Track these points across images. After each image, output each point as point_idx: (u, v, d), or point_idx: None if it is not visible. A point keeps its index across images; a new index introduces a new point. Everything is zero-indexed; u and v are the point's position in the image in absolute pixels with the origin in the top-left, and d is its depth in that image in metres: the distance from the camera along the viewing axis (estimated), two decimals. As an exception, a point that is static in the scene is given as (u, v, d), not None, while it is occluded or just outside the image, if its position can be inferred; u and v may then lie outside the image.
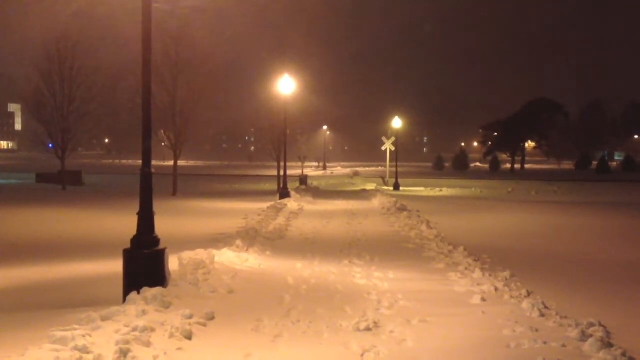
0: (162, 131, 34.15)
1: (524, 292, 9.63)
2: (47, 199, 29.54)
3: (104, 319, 7.30)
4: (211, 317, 7.98)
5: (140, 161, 9.41)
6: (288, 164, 33.21)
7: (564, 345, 6.99)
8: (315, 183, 49.77)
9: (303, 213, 23.91)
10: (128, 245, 9.05)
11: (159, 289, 8.53)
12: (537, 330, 7.53)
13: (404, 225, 19.37)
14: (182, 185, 36.71)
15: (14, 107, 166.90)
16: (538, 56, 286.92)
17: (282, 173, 33.59)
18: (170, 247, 9.43)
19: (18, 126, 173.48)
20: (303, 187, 41.81)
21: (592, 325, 7.69)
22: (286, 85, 30.46)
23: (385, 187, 45.58)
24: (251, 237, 15.18)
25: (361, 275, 11.33)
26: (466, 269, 11.81)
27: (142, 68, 9.29)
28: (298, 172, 57.45)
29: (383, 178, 56.14)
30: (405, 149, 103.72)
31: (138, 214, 9.16)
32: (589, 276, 11.75)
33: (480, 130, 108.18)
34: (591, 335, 7.21)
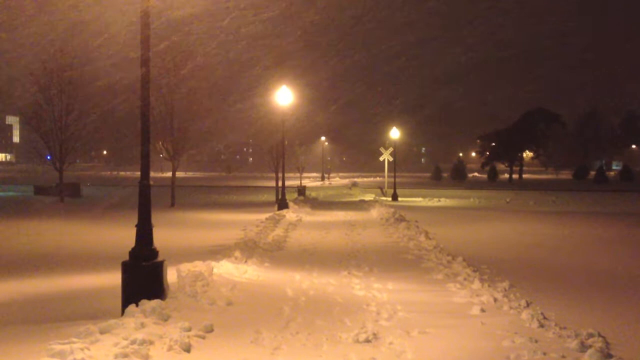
0: (160, 142, 34.14)
1: (523, 302, 9.62)
2: (45, 211, 29.52)
3: (103, 331, 7.28)
4: (210, 330, 7.96)
5: (139, 172, 9.43)
6: (286, 174, 33.20)
7: (563, 356, 6.98)
8: (313, 194, 49.75)
9: (301, 224, 23.90)
10: (126, 258, 9.04)
11: (158, 301, 8.52)
12: (536, 341, 7.52)
13: (402, 236, 19.36)
14: (180, 196, 36.69)
15: (12, 120, 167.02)
16: (536, 66, 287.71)
17: (280, 184, 33.61)
18: (168, 259, 9.42)
19: (16, 138, 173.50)
20: (301, 198, 41.78)
21: (591, 335, 7.68)
22: (284, 97, 30.54)
23: (384, 198, 45.56)
24: (250, 249, 15.16)
25: (360, 287, 11.32)
26: (465, 279, 11.79)
27: (140, 80, 9.30)
28: (296, 182, 57.47)
29: (381, 188, 56.14)
30: (403, 160, 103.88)
31: (136, 226, 9.16)
32: (588, 286, 11.75)
33: (478, 141, 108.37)
34: (590, 346, 7.21)
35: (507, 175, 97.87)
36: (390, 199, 43.72)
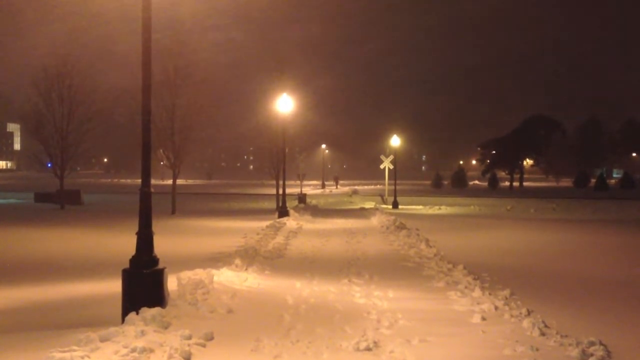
0: (161, 150, 34.15)
1: (524, 310, 9.60)
2: (45, 219, 29.51)
3: (103, 339, 7.27)
4: (210, 338, 7.94)
5: (139, 180, 9.42)
6: (286, 182, 33.18)
7: (564, 365, 6.96)
8: (314, 201, 49.72)
9: (302, 232, 23.88)
10: (127, 265, 9.03)
11: (158, 309, 8.50)
12: (537, 350, 7.50)
13: (403, 244, 19.34)
14: (181, 204, 36.67)
15: (13, 127, 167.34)
16: (536, 73, 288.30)
17: (280, 191, 33.60)
18: (169, 267, 9.40)
19: (17, 145, 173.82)
20: (302, 205, 41.75)
21: (592, 344, 7.66)
22: (285, 104, 30.59)
23: (384, 205, 45.53)
24: (250, 256, 15.15)
25: (360, 294, 11.30)
26: (466, 287, 11.77)
27: (142, 88, 9.29)
28: (296, 190, 57.46)
29: (382, 196, 56.12)
30: (403, 167, 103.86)
31: (137, 233, 9.14)
32: (589, 294, 11.73)
33: (479, 148, 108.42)
34: (592, 354, 7.19)
35: (507, 183, 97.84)
36: (390, 206, 43.68)
